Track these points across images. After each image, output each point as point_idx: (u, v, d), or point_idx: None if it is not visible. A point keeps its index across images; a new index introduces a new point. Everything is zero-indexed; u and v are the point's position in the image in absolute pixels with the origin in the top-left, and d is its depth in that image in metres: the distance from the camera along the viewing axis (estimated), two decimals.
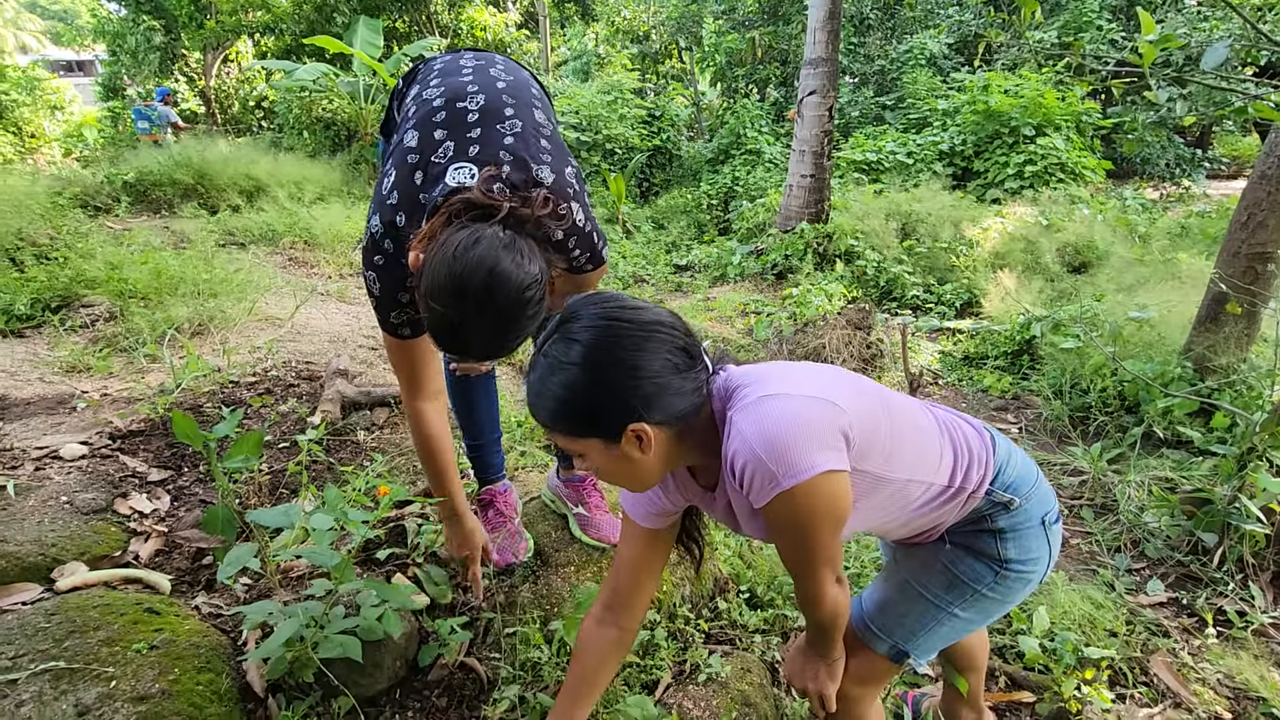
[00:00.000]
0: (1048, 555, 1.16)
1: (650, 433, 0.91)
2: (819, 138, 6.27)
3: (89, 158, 10.34)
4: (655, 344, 0.90)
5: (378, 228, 1.29)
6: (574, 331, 0.90)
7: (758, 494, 0.92)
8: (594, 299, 0.93)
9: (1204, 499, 2.38)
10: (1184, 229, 6.43)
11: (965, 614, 1.16)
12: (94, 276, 3.42)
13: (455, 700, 1.51)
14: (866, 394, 1.03)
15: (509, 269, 1.05)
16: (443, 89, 1.36)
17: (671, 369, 0.91)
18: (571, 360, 0.89)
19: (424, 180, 1.26)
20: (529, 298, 1.08)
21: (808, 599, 1.06)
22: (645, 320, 0.91)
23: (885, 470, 1.01)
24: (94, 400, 2.39)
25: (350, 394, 2.43)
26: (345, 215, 6.09)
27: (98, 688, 1.19)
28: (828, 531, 0.95)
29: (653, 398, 0.90)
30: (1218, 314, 3.13)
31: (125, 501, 1.82)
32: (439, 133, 1.29)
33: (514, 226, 1.11)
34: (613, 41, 14.10)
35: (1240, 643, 2.01)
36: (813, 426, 0.92)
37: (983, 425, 1.19)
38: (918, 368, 4.02)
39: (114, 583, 1.54)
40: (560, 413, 0.91)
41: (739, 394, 0.97)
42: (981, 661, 1.57)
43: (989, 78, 8.98)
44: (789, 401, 0.93)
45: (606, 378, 0.88)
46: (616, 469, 0.96)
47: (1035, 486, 1.14)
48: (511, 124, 1.31)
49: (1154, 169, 10.40)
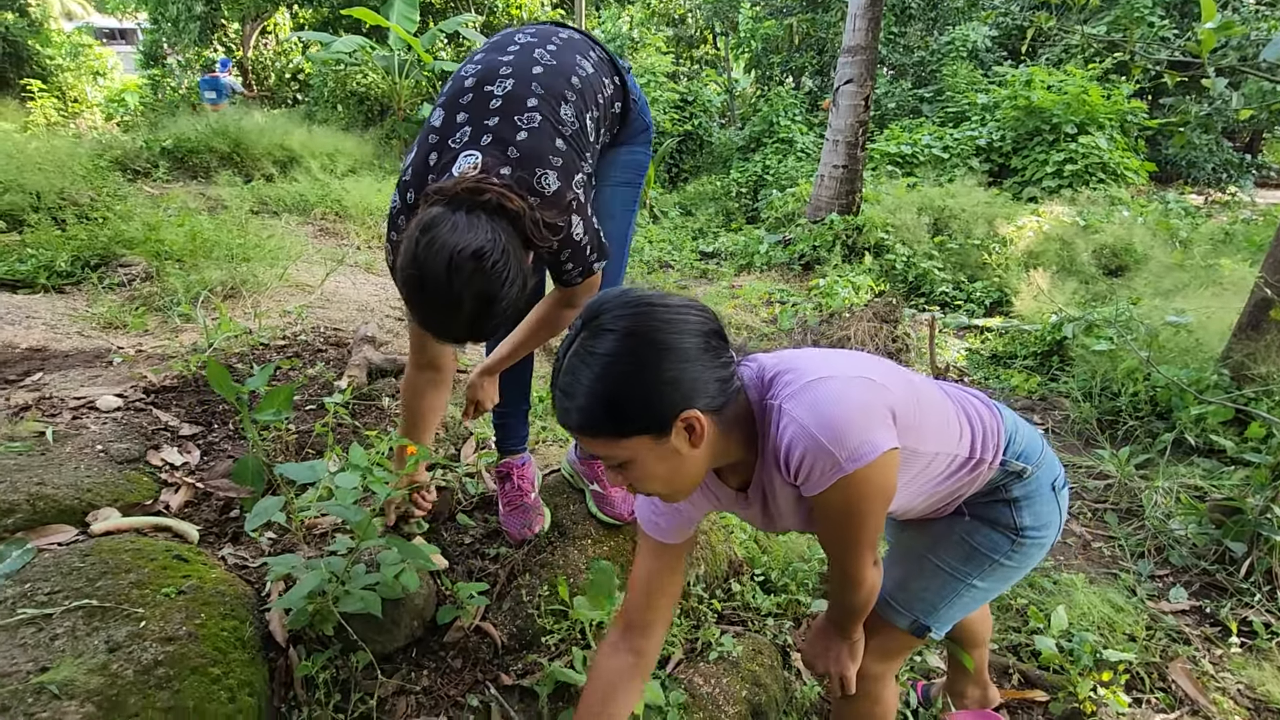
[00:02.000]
0: (1058, 519, 1.18)
1: (703, 420, 0.85)
2: (854, 128, 6.17)
3: (129, 123, 10.54)
4: (690, 327, 0.85)
5: (396, 203, 1.30)
6: (604, 324, 0.84)
7: (817, 481, 0.89)
8: (614, 293, 0.89)
9: (1234, 508, 2.33)
10: (1228, 235, 6.24)
11: (984, 583, 1.18)
12: (132, 237, 3.49)
13: (470, 662, 1.53)
14: (893, 372, 1.03)
15: (465, 248, 1.04)
16: (479, 68, 1.34)
17: (710, 353, 0.87)
18: (607, 350, 0.82)
19: (438, 163, 1.26)
20: (490, 269, 1.05)
21: (846, 580, 1.05)
22: (675, 304, 0.87)
23: (918, 444, 1.01)
24: (129, 356, 2.44)
25: (377, 361, 2.46)
26: (376, 189, 6.14)
27: (128, 626, 1.23)
28: (879, 512, 0.94)
29: (697, 382, 0.85)
30: (1260, 321, 3.04)
31: (157, 453, 1.87)
32: (461, 115, 1.28)
33: (493, 214, 1.09)
34: (648, 25, 13.97)
35: (1264, 654, 1.97)
36: (867, 406, 0.90)
37: (988, 398, 1.20)
38: (944, 363, 3.97)
39: (145, 530, 1.59)
40: (601, 412, 0.84)
41: (780, 380, 0.93)
42: (985, 637, 1.58)
43: (1032, 72, 8.76)
44: (840, 384, 0.91)
45: (650, 363, 0.82)
46: (662, 471, 0.89)
47: (1043, 454, 1.16)
48: (530, 117, 1.26)
49: (1200, 173, 10.09)
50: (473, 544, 1.79)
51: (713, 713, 1.51)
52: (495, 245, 1.06)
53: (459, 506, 1.88)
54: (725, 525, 2.09)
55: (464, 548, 1.78)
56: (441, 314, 1.10)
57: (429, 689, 1.46)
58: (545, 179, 1.23)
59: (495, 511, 1.86)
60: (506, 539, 1.76)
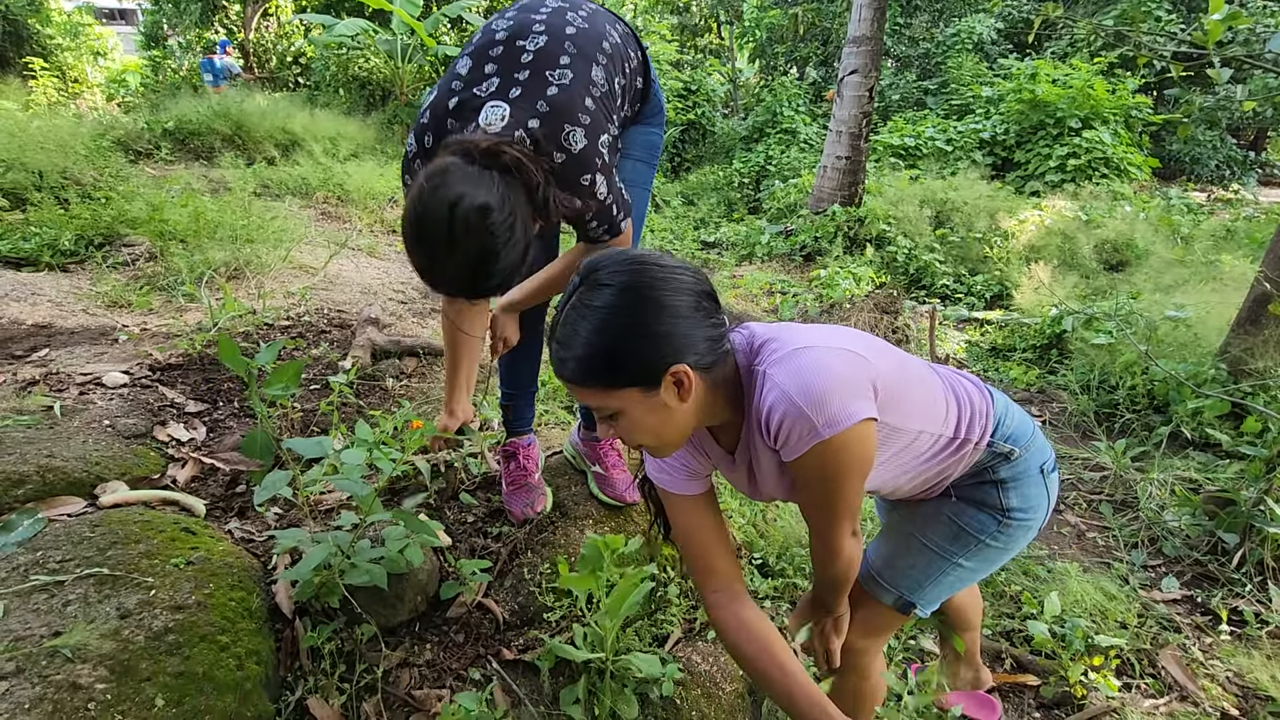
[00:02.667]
0: (1046, 503, 1.19)
1: (692, 375, 0.89)
2: (857, 119, 6.16)
3: (130, 104, 10.48)
4: (682, 286, 0.89)
5: (412, 146, 1.28)
6: (601, 279, 0.88)
7: (795, 445, 0.92)
8: (610, 252, 0.92)
9: (1228, 500, 2.35)
10: (1229, 232, 6.25)
11: (969, 563, 1.19)
12: (135, 217, 3.50)
13: (472, 637, 1.56)
14: (881, 349, 1.05)
15: (470, 200, 1.03)
16: (511, 23, 1.32)
17: (702, 313, 0.90)
18: (604, 304, 0.86)
19: (459, 108, 1.24)
20: (491, 226, 1.05)
21: (826, 550, 1.08)
22: (669, 264, 0.90)
23: (901, 421, 1.03)
24: (134, 334, 2.46)
25: (380, 342, 2.48)
26: (379, 173, 6.13)
27: (138, 594, 1.25)
28: (856, 481, 0.97)
29: (688, 339, 0.88)
30: (1259, 316, 3.06)
31: (164, 429, 1.89)
32: (489, 66, 1.27)
33: (506, 175, 1.09)
34: (652, 12, 13.89)
35: (1253, 642, 2.00)
36: (847, 376, 0.92)
37: (980, 381, 1.21)
38: (943, 354, 3.99)
39: (152, 503, 1.61)
40: (596, 363, 0.88)
41: (767, 348, 0.97)
42: (976, 620, 1.60)
43: (1037, 65, 8.72)
44: (823, 354, 0.94)
45: (644, 318, 0.86)
46: (651, 423, 0.92)
47: (1033, 438, 1.17)
48: (561, 74, 1.26)
49: (1203, 170, 10.08)
50: (475, 523, 1.82)
51: (709, 689, 1.54)
52: (503, 205, 1.06)
53: (462, 486, 1.90)
54: (725, 510, 2.12)
55: (467, 526, 1.80)
56: (438, 262, 1.10)
57: (432, 662, 1.49)
58: (573, 135, 1.23)
59: (498, 491, 1.89)
60: (509, 518, 1.78)
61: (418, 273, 1.15)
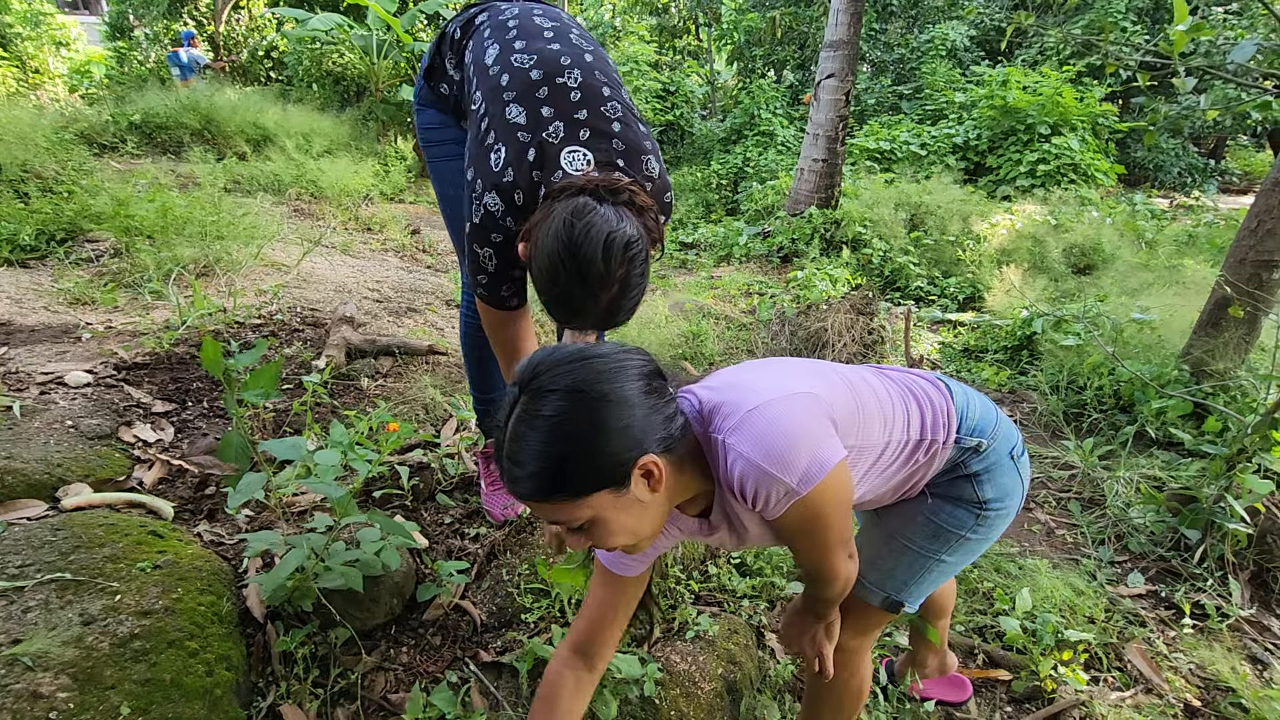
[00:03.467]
0: (1020, 488, 1.20)
1: (660, 464, 0.85)
2: (834, 122, 6.22)
3: (94, 96, 10.20)
4: (631, 373, 0.85)
5: (497, 206, 1.27)
6: (544, 384, 0.82)
7: (774, 508, 0.91)
8: (544, 354, 0.86)
9: (1190, 497, 2.42)
10: (1191, 237, 6.43)
11: (951, 558, 1.21)
12: (99, 212, 3.40)
13: (449, 640, 1.54)
14: (825, 374, 1.04)
15: (618, 234, 1.10)
16: (534, 57, 1.33)
17: (654, 395, 0.87)
18: (553, 411, 0.80)
19: (539, 160, 1.25)
20: (634, 258, 1.12)
21: (823, 578, 1.07)
22: (612, 353, 0.86)
23: (864, 439, 1.03)
24: (99, 332, 2.39)
25: (356, 341, 2.44)
26: (353, 170, 6.04)
27: (102, 600, 1.22)
28: (841, 518, 0.97)
29: (648, 426, 0.84)
30: (1219, 319, 3.15)
31: (130, 430, 1.84)
32: (545, 110, 1.27)
33: (630, 205, 1.15)
34: (630, 13, 13.89)
35: (1215, 635, 2.06)
36: (807, 425, 0.91)
37: (935, 376, 1.21)
38: (918, 354, 4.05)
39: (118, 505, 1.56)
40: (555, 476, 0.81)
41: (719, 414, 0.93)
42: (949, 607, 1.63)
43: (1009, 72, 8.90)
44: (775, 408, 0.91)
45: (600, 417, 0.81)
46: (627, 523, 0.88)
47: (997, 425, 1.18)
48: (613, 107, 1.31)
49: (1166, 176, 10.36)
50: (452, 524, 1.80)
51: (688, 688, 1.54)
52: (640, 238, 1.13)
53: (439, 487, 1.88)
54: None
55: (444, 527, 1.78)
56: (587, 296, 1.13)
57: (408, 665, 1.47)
58: (649, 164, 1.29)
59: (475, 492, 1.87)
60: (488, 519, 1.77)
61: (559, 307, 1.17)
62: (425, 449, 1.93)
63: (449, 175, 1.59)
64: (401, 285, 3.72)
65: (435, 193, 1.65)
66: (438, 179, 1.63)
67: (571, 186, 1.14)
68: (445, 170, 1.60)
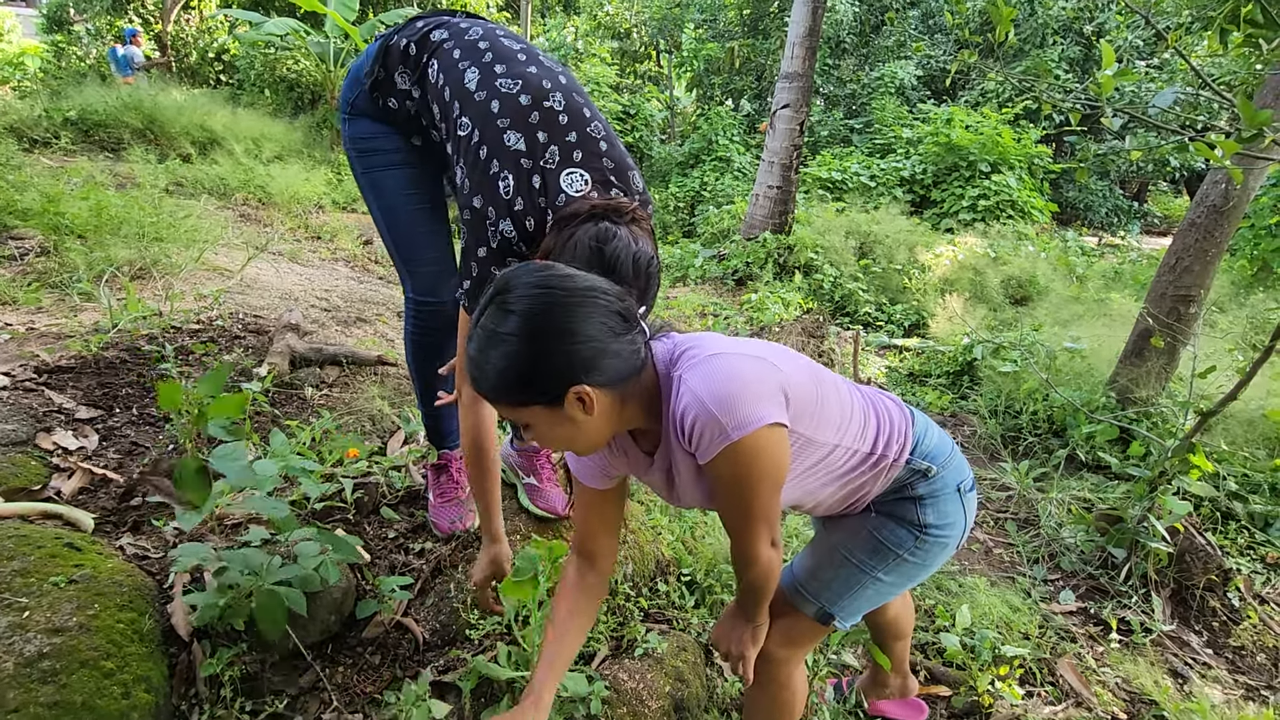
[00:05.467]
0: (963, 521, 1.24)
1: (593, 394, 0.92)
2: (788, 151, 6.40)
3: (27, 89, 9.71)
4: (590, 308, 0.92)
5: (512, 233, 1.29)
6: (509, 302, 0.91)
7: (706, 448, 0.96)
8: (526, 269, 0.94)
9: (1117, 517, 2.54)
10: (1117, 273, 6.83)
11: (888, 578, 1.23)
12: (27, 208, 3.22)
13: (389, 659, 1.49)
14: (798, 361, 1.10)
15: (640, 253, 1.18)
16: (519, 82, 1.34)
17: (609, 332, 0.93)
18: (509, 331, 0.90)
19: (542, 187, 1.29)
20: (654, 274, 1.22)
21: (744, 558, 1.09)
22: (579, 287, 0.93)
23: (814, 433, 1.07)
24: (19, 333, 2.25)
25: (301, 349, 2.36)
26: (304, 177, 5.90)
27: (9, 616, 1.13)
28: (768, 487, 1.00)
29: (591, 360, 0.91)
30: (1142, 349, 3.35)
31: (49, 436, 1.73)
32: (541, 135, 1.31)
33: (636, 223, 1.23)
34: (593, 35, 14.06)
35: (1139, 650, 2.15)
36: (757, 382, 0.97)
37: (901, 402, 1.26)
38: (866, 377, 4.15)
39: (31, 516, 1.46)
40: (502, 384, 0.92)
41: (686, 355, 1.01)
42: (908, 629, 1.65)
43: (953, 112, 9.34)
44: (735, 360, 0.99)
45: (544, 345, 0.90)
46: (562, 433, 0.97)
47: (950, 457, 1.22)
48: (596, 127, 1.35)
49: (1095, 216, 11.00)
50: (396, 538, 1.74)
51: (635, 707, 1.52)
52: (655, 255, 1.22)
53: (384, 500, 1.83)
54: (654, 526, 2.12)
55: (387, 542, 1.73)
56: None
57: (344, 685, 1.41)
58: (634, 180, 1.35)
59: (422, 506, 1.82)
60: (434, 531, 1.72)
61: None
62: (370, 460, 1.88)
63: (392, 185, 1.55)
64: (351, 295, 3.63)
65: (371, 205, 1.59)
66: (376, 190, 1.57)
67: (581, 211, 1.21)
68: (387, 180, 1.56)
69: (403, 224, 1.57)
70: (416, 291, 1.61)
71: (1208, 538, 2.40)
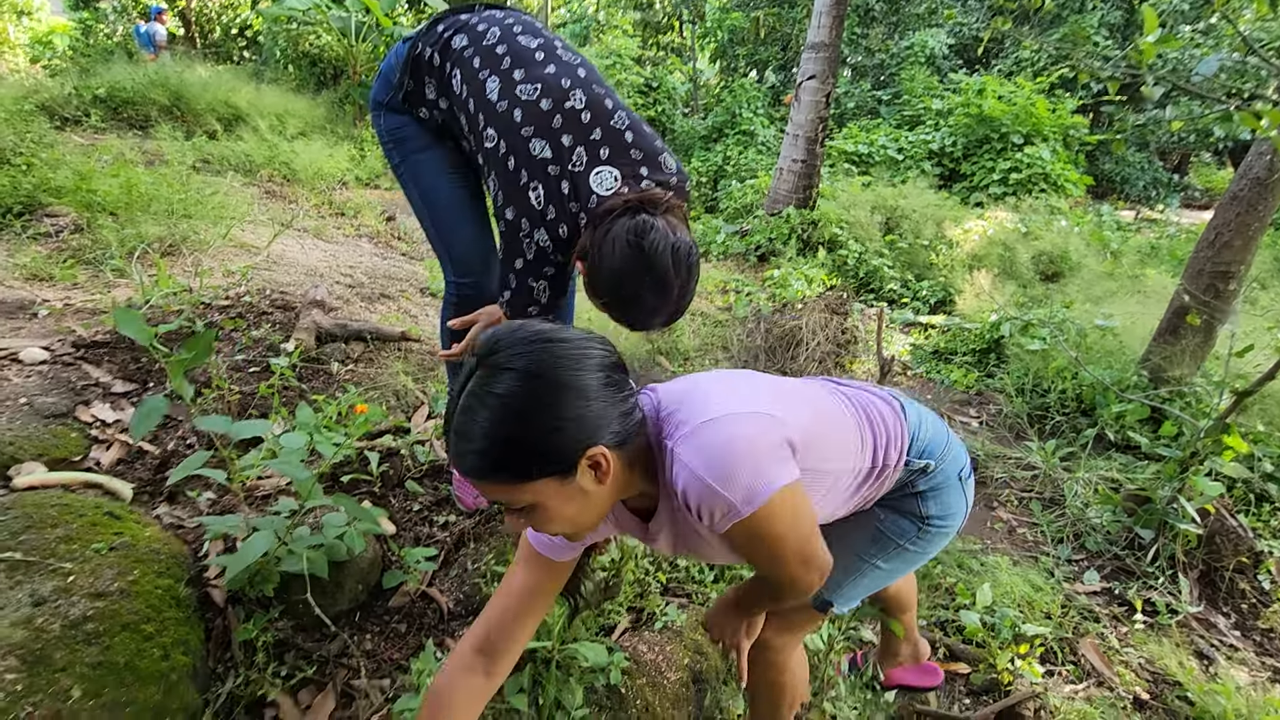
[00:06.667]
0: (964, 508, 1.22)
1: (610, 456, 0.83)
2: (814, 123, 6.27)
3: (57, 67, 9.85)
4: (592, 363, 0.83)
5: (547, 243, 1.31)
6: (501, 361, 0.79)
7: (719, 523, 0.89)
8: (509, 329, 0.84)
9: (1145, 498, 2.50)
10: (1154, 249, 6.63)
11: (886, 565, 1.22)
12: (60, 186, 3.28)
13: (415, 627, 1.53)
14: (789, 395, 1.02)
15: (680, 244, 1.18)
16: (538, 86, 1.34)
17: (613, 387, 0.84)
18: (506, 390, 0.78)
19: (572, 191, 1.29)
20: (694, 264, 1.23)
21: (778, 585, 1.04)
22: (574, 338, 0.84)
23: (820, 464, 1.01)
24: (57, 309, 2.31)
25: (326, 325, 2.40)
26: (328, 153, 5.93)
27: (54, 581, 1.18)
28: (798, 539, 0.94)
29: (602, 419, 0.82)
30: (1177, 327, 3.25)
31: (88, 409, 1.78)
32: (565, 138, 1.31)
33: (671, 213, 1.23)
34: (614, 6, 13.82)
35: (1164, 631, 2.13)
36: (758, 445, 0.88)
37: (890, 394, 1.20)
38: (889, 354, 4.11)
39: (73, 486, 1.52)
40: (503, 457, 0.79)
41: (672, 420, 0.91)
42: (912, 601, 1.64)
43: (985, 81, 9.06)
44: (730, 424, 0.88)
45: (553, 402, 0.79)
46: (570, 511, 0.85)
47: (947, 446, 1.18)
48: (619, 118, 1.34)
49: (1132, 189, 10.65)
50: (421, 511, 1.78)
51: (654, 678, 1.55)
52: (693, 243, 1.23)
53: (408, 474, 1.86)
54: None
55: (412, 515, 1.76)
56: (662, 301, 1.23)
57: (372, 652, 1.45)
58: (666, 163, 1.35)
59: (446, 480, 1.85)
60: (458, 505, 1.76)
61: (632, 312, 1.25)
62: (395, 435, 1.91)
63: (431, 167, 1.55)
64: (375, 271, 3.66)
65: (411, 192, 1.59)
66: (415, 175, 1.56)
67: (615, 207, 1.21)
68: (425, 164, 1.55)
69: (443, 204, 1.58)
70: (457, 274, 1.62)
71: (1239, 519, 2.35)
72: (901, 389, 3.98)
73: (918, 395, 3.89)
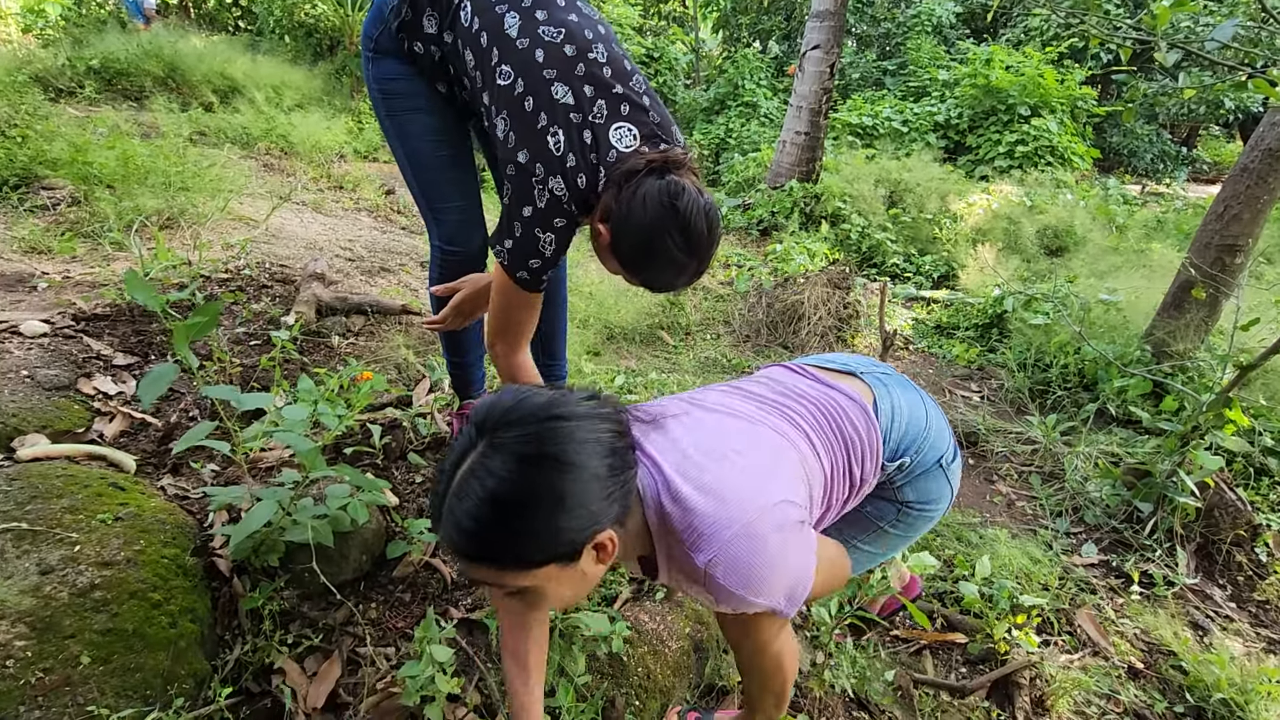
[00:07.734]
0: (949, 493, 1.20)
1: (614, 538, 0.79)
2: (818, 95, 6.17)
3: (50, 37, 9.69)
4: (600, 446, 0.77)
5: (563, 191, 1.26)
6: (504, 441, 0.73)
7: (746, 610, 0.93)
8: (515, 399, 0.78)
9: (1145, 472, 2.50)
10: (1160, 223, 6.57)
11: (868, 547, 1.23)
12: (56, 158, 3.25)
13: (419, 596, 1.54)
14: (789, 459, 0.99)
15: (708, 204, 1.20)
16: (562, 30, 1.29)
17: (618, 470, 0.79)
18: (508, 475, 0.72)
19: (594, 142, 1.26)
20: (717, 226, 1.24)
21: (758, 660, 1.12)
22: (583, 416, 0.78)
23: (814, 500, 1.04)
24: (56, 281, 2.30)
25: (326, 298, 2.39)
26: (325, 126, 5.86)
27: (61, 550, 1.19)
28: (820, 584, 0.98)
29: (607, 500, 0.77)
30: (1182, 301, 3.24)
31: (89, 382, 1.78)
32: (588, 89, 1.27)
33: (694, 173, 1.24)
34: None
35: (1160, 602, 2.15)
36: (790, 557, 0.89)
37: (859, 394, 1.15)
38: (892, 329, 4.09)
39: (77, 457, 1.52)
40: (501, 543, 0.74)
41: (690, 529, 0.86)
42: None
43: (993, 51, 8.90)
44: (760, 542, 0.86)
45: (558, 492, 0.73)
46: (564, 592, 0.81)
47: (924, 438, 1.15)
48: (637, 81, 1.33)
49: (1139, 162, 10.52)
50: (424, 483, 1.79)
51: (656, 646, 1.57)
52: (716, 203, 1.24)
53: (410, 446, 1.87)
54: None
55: (415, 486, 1.77)
56: (691, 260, 1.23)
57: (377, 621, 1.47)
58: (676, 134, 1.34)
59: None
60: None
61: (659, 272, 1.25)
62: (398, 407, 1.91)
63: (417, 130, 1.52)
64: (375, 245, 3.64)
65: (396, 149, 1.55)
66: (401, 135, 1.52)
67: (639, 167, 1.20)
68: (412, 125, 1.51)
69: (428, 169, 1.54)
70: (442, 239, 1.60)
71: (1238, 493, 2.36)
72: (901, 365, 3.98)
73: (917, 371, 3.88)
